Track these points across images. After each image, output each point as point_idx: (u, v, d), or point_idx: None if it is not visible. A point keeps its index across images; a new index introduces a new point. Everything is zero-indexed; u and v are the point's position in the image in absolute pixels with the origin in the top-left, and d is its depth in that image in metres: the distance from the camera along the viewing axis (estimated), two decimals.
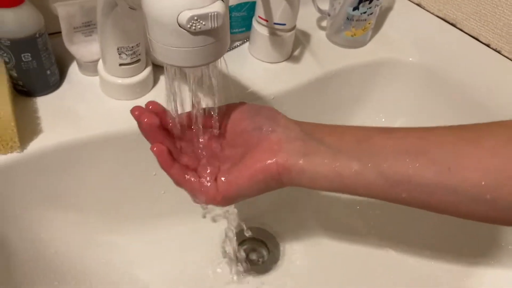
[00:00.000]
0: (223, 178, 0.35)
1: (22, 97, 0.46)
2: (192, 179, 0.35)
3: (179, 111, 0.37)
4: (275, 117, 0.36)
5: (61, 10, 0.44)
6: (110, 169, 0.48)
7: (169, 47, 0.28)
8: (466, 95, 0.54)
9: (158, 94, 0.49)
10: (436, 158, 0.30)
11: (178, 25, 0.27)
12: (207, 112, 0.37)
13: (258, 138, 0.34)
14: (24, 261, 0.44)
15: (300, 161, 0.32)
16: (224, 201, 0.35)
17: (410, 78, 0.58)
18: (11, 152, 0.42)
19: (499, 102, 0.51)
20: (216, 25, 0.27)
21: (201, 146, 0.37)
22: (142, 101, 0.48)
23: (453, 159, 0.30)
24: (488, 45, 0.55)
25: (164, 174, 0.51)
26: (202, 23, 0.27)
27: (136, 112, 0.36)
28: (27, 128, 0.44)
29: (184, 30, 0.27)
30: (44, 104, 0.46)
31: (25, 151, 0.42)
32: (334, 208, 0.59)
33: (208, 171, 0.36)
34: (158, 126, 0.36)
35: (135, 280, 0.50)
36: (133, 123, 0.46)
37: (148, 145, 0.48)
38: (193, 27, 0.27)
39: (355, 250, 0.54)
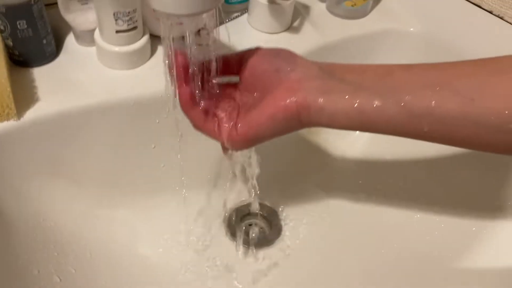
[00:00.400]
0: (242, 120, 0.35)
1: (18, 68, 0.46)
2: (211, 122, 0.36)
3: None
4: (293, 58, 0.36)
5: None
6: (108, 140, 0.47)
7: None
8: None
9: (156, 64, 0.49)
10: (458, 89, 0.30)
11: None
12: (223, 59, 0.37)
13: (278, 79, 0.34)
14: (24, 233, 0.44)
15: (320, 99, 0.32)
16: (244, 142, 0.35)
17: (412, 49, 0.57)
18: (8, 119, 0.41)
19: None
20: None
21: (218, 91, 0.37)
22: (139, 71, 0.48)
23: (476, 90, 0.30)
24: (491, 12, 0.54)
25: (163, 147, 0.51)
26: None
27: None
28: (24, 96, 0.43)
29: None
30: (41, 74, 0.46)
31: (22, 119, 0.42)
32: (336, 181, 0.58)
33: (227, 114, 0.36)
34: (186, 69, 0.36)
35: (135, 254, 0.50)
36: (132, 92, 0.46)
37: (147, 115, 0.48)
38: None
39: (359, 221, 0.54)
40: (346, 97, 0.32)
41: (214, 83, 0.37)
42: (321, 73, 0.34)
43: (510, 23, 0.52)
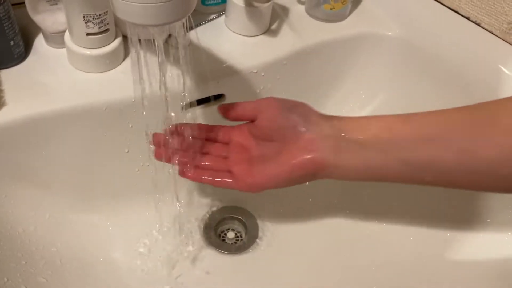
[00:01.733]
0: (259, 169, 0.39)
1: None
2: (221, 178, 0.40)
3: (147, 82, 0.36)
4: (308, 114, 0.39)
5: None
6: (80, 144, 0.46)
7: (130, 3, 0.27)
8: (446, 69, 0.53)
9: (129, 67, 0.47)
10: (454, 141, 0.32)
11: None
12: (238, 105, 0.42)
13: (294, 135, 0.37)
14: None
15: (333, 159, 0.36)
16: (260, 189, 0.39)
17: (390, 53, 0.57)
18: None
19: (478, 73, 0.50)
20: None
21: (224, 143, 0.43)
22: (111, 74, 0.47)
23: (470, 141, 0.32)
24: (468, 18, 0.54)
25: (137, 151, 0.50)
26: None
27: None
28: None
29: None
30: (8, 76, 0.44)
31: None
32: (316, 189, 0.58)
33: (242, 167, 0.40)
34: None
35: (108, 260, 0.49)
36: (102, 97, 0.45)
37: (120, 120, 0.47)
38: None
39: (336, 227, 0.54)
40: (355, 155, 0.36)
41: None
42: (332, 131, 0.37)
43: (487, 30, 0.52)
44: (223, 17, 0.54)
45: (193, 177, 0.42)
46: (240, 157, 0.41)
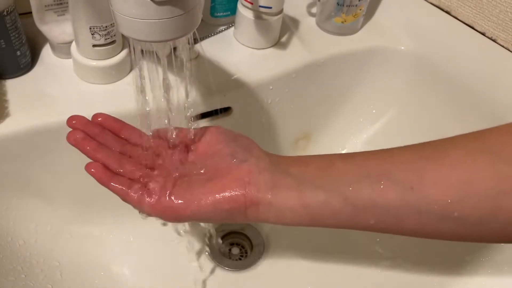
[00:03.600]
0: (180, 194, 0.33)
1: None
2: (137, 193, 0.34)
3: (149, 97, 0.35)
4: (249, 146, 0.36)
5: None
6: (83, 156, 0.45)
7: (132, 19, 0.26)
8: (460, 85, 0.51)
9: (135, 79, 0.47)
10: (397, 179, 0.29)
11: None
12: (179, 131, 0.37)
13: (229, 164, 0.33)
14: None
15: (268, 195, 0.32)
16: (175, 219, 0.33)
17: (402, 67, 0.56)
18: None
19: (494, 92, 0.49)
20: None
21: (159, 160, 0.36)
22: (117, 86, 0.46)
23: (415, 178, 0.29)
24: (483, 34, 0.52)
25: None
26: None
27: (73, 122, 0.36)
28: None
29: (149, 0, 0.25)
30: (13, 86, 0.44)
31: None
32: None
33: (160, 184, 0.34)
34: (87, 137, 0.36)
35: (110, 274, 0.48)
36: (108, 109, 0.44)
37: None
38: None
39: (345, 246, 0.52)
40: (292, 193, 0.31)
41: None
42: (270, 165, 0.34)
43: (503, 46, 0.51)
44: (232, 29, 0.54)
45: (99, 176, 0.35)
46: (161, 172, 0.35)
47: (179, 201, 0.32)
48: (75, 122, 0.36)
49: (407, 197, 0.29)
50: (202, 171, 0.34)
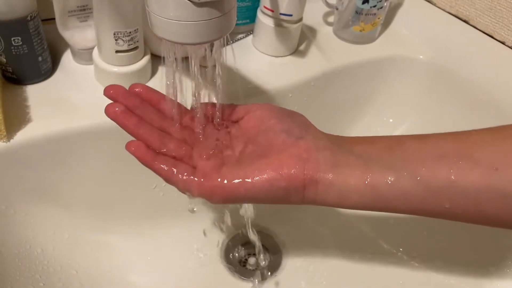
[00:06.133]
0: (231, 172, 0.30)
1: (11, 85, 0.44)
2: (183, 173, 0.31)
3: (179, 100, 0.34)
4: (305, 123, 0.33)
5: None
6: (102, 163, 0.45)
7: (170, 20, 0.26)
8: (479, 95, 0.51)
9: (156, 85, 0.46)
10: (479, 159, 0.27)
11: None
12: (225, 106, 0.34)
13: (285, 141, 0.31)
14: (8, 260, 0.41)
15: (329, 174, 0.29)
16: (225, 199, 0.30)
17: (420, 77, 0.56)
18: None
19: None
20: None
21: (200, 136, 0.34)
22: None
23: (500, 158, 0.27)
24: (503, 43, 0.52)
25: None
26: None
27: (111, 91, 0.33)
28: (14, 117, 0.41)
29: (188, 1, 0.25)
30: (34, 92, 0.44)
31: (11, 140, 0.40)
32: (340, 212, 0.56)
33: (207, 163, 0.31)
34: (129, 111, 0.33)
35: (127, 283, 0.47)
36: None
37: None
38: None
39: (361, 258, 0.51)
40: (356, 172, 0.29)
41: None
42: (330, 144, 0.31)
43: None
44: (250, 37, 0.54)
45: (140, 155, 0.31)
46: (207, 150, 0.33)
47: (231, 179, 0.29)
48: (112, 91, 0.33)
49: (491, 178, 0.26)
50: (252, 148, 0.32)
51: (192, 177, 0.30)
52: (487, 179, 0.27)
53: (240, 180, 0.29)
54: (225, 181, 0.29)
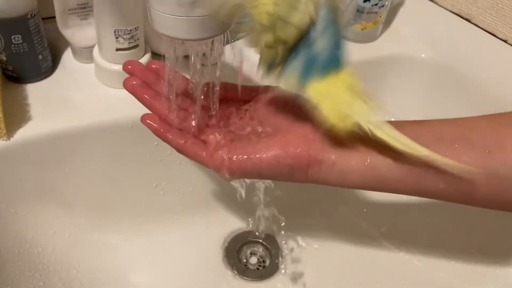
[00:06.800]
0: (241, 149, 0.32)
1: (11, 83, 0.44)
2: (194, 146, 0.33)
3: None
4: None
5: None
6: (103, 162, 0.45)
7: (171, 16, 0.25)
8: (482, 94, 0.51)
9: None
10: (474, 142, 0.29)
11: None
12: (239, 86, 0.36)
13: (293, 123, 0.33)
14: (8, 260, 0.41)
15: (332, 155, 0.31)
16: (233, 173, 0.32)
17: (422, 75, 0.56)
18: None
19: None
20: None
21: (214, 113, 0.35)
22: None
23: (493, 142, 0.28)
24: (505, 41, 0.52)
25: (161, 170, 0.48)
26: None
27: (129, 66, 0.34)
28: (15, 115, 0.41)
29: None
30: (34, 91, 0.43)
31: (11, 139, 0.39)
32: (340, 210, 0.56)
33: (219, 137, 0.33)
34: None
35: (127, 282, 0.47)
36: (129, 113, 0.44)
37: (146, 138, 0.45)
38: None
39: (363, 255, 0.51)
40: (358, 153, 0.30)
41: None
42: None
43: None
44: None
45: (155, 128, 0.33)
46: (219, 126, 0.35)
47: (240, 154, 0.31)
48: (130, 67, 0.35)
49: (485, 161, 0.28)
50: (262, 127, 0.34)
51: (202, 149, 0.32)
52: (481, 161, 0.28)
53: (249, 155, 0.31)
54: (234, 156, 0.31)
